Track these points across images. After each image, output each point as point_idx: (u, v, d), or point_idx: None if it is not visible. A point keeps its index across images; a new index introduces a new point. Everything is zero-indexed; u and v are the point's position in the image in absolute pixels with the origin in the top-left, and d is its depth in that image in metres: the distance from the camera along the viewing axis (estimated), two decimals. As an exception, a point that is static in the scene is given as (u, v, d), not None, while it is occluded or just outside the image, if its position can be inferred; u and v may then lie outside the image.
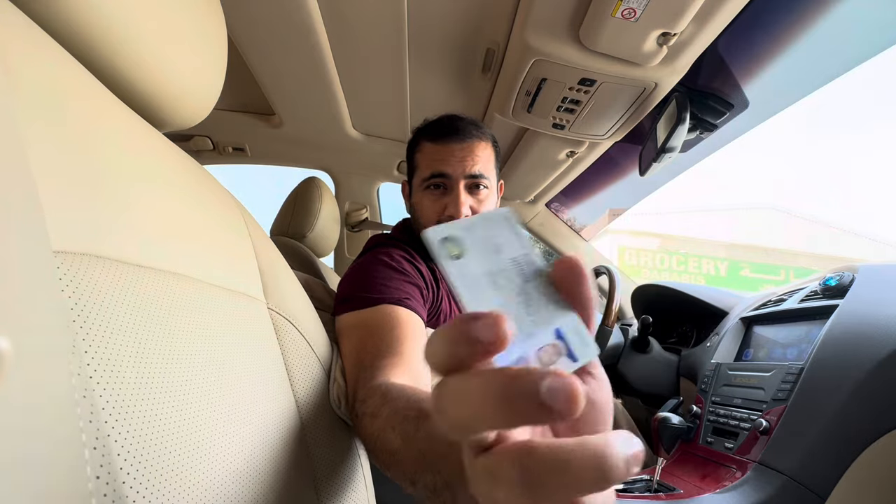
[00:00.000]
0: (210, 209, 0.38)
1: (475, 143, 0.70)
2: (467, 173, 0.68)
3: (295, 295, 0.46)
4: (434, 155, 0.70)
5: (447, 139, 0.70)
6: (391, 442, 0.36)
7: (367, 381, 0.46)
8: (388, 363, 0.48)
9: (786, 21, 0.67)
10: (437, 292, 0.72)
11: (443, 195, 0.70)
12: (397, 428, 0.36)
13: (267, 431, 0.34)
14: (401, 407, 0.38)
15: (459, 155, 0.69)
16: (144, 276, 0.27)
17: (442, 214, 0.70)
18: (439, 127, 0.72)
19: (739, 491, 0.68)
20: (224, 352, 0.32)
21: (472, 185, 0.70)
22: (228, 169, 1.49)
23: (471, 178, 0.69)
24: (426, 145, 0.72)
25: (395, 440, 0.35)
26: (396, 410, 0.38)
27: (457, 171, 0.68)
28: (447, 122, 0.72)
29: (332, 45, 0.88)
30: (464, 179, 0.69)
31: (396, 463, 0.35)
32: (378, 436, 0.38)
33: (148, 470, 0.22)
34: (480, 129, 0.72)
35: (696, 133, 0.88)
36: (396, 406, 0.39)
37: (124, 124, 0.31)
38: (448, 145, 0.69)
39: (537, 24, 0.69)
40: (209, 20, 0.38)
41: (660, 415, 0.80)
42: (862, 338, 0.65)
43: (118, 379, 0.23)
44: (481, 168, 0.69)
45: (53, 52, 0.26)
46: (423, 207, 0.72)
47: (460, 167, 0.68)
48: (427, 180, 0.70)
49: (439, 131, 0.71)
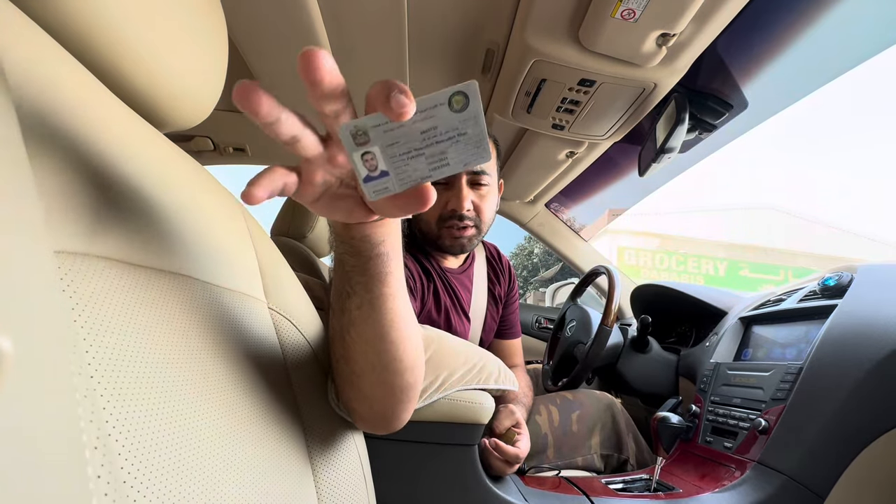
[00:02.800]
0: (211, 209, 0.38)
1: None
2: (468, 170, 0.69)
3: (295, 295, 0.46)
4: None
5: None
6: (332, 319, 0.37)
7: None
8: None
9: (785, 21, 0.67)
10: (427, 286, 0.72)
11: (445, 191, 0.71)
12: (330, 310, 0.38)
13: (267, 430, 0.34)
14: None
15: None
16: (145, 276, 0.27)
17: (444, 209, 0.70)
18: None
19: (738, 490, 0.68)
20: (224, 351, 0.32)
21: (474, 181, 0.70)
22: (229, 169, 1.49)
23: (473, 174, 0.69)
24: None
25: (331, 315, 0.37)
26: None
27: None
28: None
29: (332, 46, 0.88)
30: (466, 175, 0.69)
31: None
32: (329, 340, 0.39)
33: (149, 470, 0.23)
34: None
35: (695, 133, 0.88)
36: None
37: (125, 124, 0.31)
38: None
39: (537, 24, 0.69)
40: (210, 20, 0.38)
41: (659, 414, 0.80)
42: (861, 338, 0.66)
43: (119, 379, 0.23)
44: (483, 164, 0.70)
45: (53, 51, 0.26)
46: None
47: None
48: None
49: None
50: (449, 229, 0.71)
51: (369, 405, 0.41)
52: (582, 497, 0.68)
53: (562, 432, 0.86)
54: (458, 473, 0.62)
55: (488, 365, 0.62)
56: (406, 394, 0.41)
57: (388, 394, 0.40)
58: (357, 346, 0.37)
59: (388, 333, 0.36)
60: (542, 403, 0.90)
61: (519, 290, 1.05)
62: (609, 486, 0.75)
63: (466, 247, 0.75)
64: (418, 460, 0.60)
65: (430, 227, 0.72)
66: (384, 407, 0.42)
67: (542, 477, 0.77)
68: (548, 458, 0.84)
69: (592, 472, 0.86)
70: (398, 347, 0.37)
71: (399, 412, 0.42)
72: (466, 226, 0.71)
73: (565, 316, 1.17)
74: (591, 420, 0.89)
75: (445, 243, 0.73)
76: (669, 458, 0.86)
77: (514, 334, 0.99)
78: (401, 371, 0.38)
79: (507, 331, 0.97)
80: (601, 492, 0.71)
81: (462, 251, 0.77)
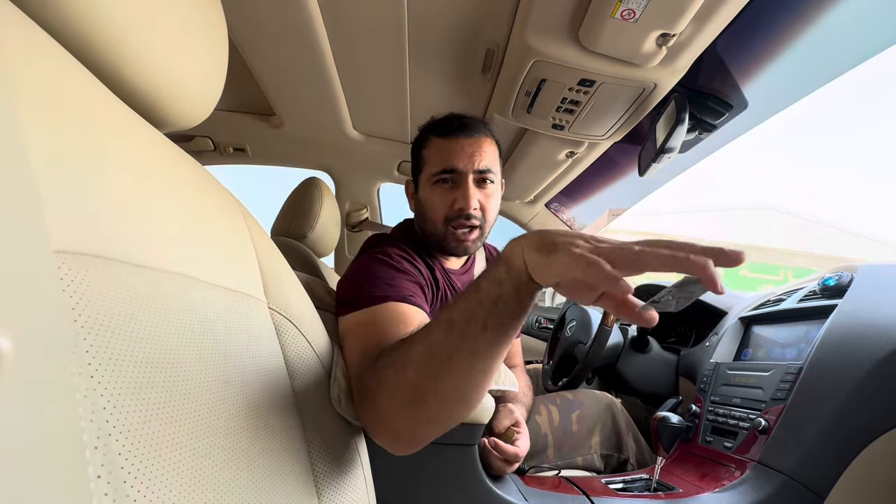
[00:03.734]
0: (211, 209, 0.38)
1: (482, 138, 0.72)
2: (476, 168, 0.70)
3: (296, 295, 0.46)
4: (443, 150, 0.71)
5: (456, 135, 0.71)
6: (435, 333, 0.39)
7: (373, 360, 0.47)
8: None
9: (785, 21, 0.67)
10: (437, 291, 0.72)
11: (452, 189, 0.71)
12: (433, 323, 0.40)
13: (267, 430, 0.34)
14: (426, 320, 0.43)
15: (468, 150, 0.70)
16: (145, 276, 0.27)
17: (451, 208, 0.70)
18: (447, 123, 0.73)
19: (738, 490, 0.68)
20: (225, 351, 0.32)
21: (480, 180, 0.71)
22: (229, 169, 1.49)
23: (479, 172, 0.70)
24: (435, 141, 0.73)
25: (437, 330, 0.39)
26: (423, 324, 0.43)
27: (466, 165, 0.69)
28: (455, 119, 0.73)
29: (332, 46, 0.88)
30: (472, 174, 0.69)
31: (451, 331, 0.38)
32: (414, 351, 0.41)
33: (149, 469, 0.23)
34: (486, 127, 0.74)
35: (695, 133, 0.88)
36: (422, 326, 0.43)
37: (125, 124, 0.31)
38: (457, 140, 0.71)
39: (537, 24, 0.69)
40: (210, 20, 0.38)
41: (659, 414, 0.80)
42: (860, 338, 0.66)
43: (119, 378, 0.23)
44: (488, 163, 0.71)
45: (53, 51, 0.26)
46: (431, 202, 0.72)
47: (469, 162, 0.69)
48: (436, 175, 0.71)
49: (447, 127, 0.72)
50: (454, 230, 0.71)
51: (418, 426, 0.43)
52: (582, 497, 0.68)
53: (562, 432, 0.86)
54: (457, 473, 0.62)
55: (488, 365, 0.62)
56: (453, 425, 0.44)
57: (447, 421, 0.43)
58: (458, 372, 0.38)
59: (491, 372, 0.39)
60: (542, 403, 0.90)
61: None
62: (609, 486, 0.75)
63: (470, 248, 0.75)
64: (418, 460, 0.60)
65: (437, 227, 0.72)
66: (431, 432, 0.44)
67: (541, 477, 0.77)
68: (548, 458, 0.84)
69: (592, 472, 0.86)
70: (486, 387, 0.41)
71: (430, 439, 0.44)
72: (473, 225, 0.71)
73: (565, 316, 1.17)
74: (591, 420, 0.89)
75: (450, 244, 0.72)
76: (669, 458, 0.86)
77: None
78: (472, 407, 0.42)
79: (507, 331, 0.97)
80: (601, 492, 0.71)
81: (465, 253, 0.77)
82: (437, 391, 0.39)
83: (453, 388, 0.39)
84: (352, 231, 1.55)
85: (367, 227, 1.53)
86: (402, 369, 0.41)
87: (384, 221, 1.57)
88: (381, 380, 0.43)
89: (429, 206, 0.73)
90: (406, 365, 0.41)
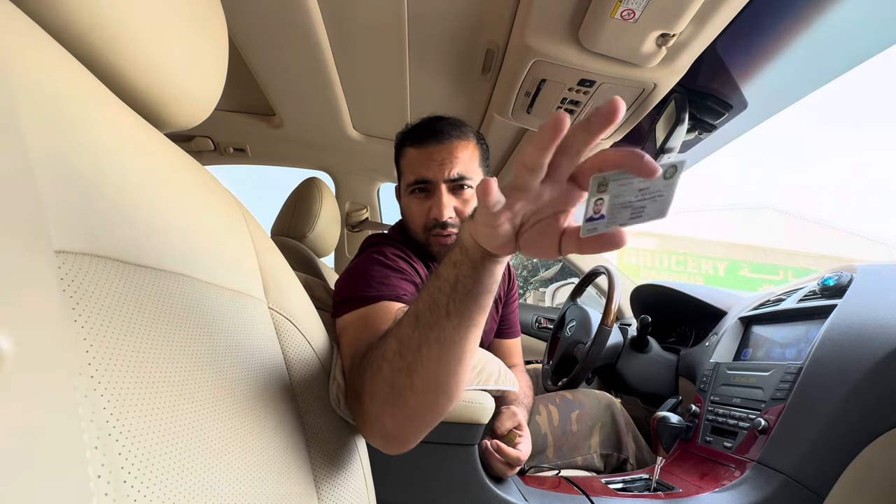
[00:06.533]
0: (211, 209, 0.38)
1: (454, 143, 0.70)
2: (447, 177, 0.69)
3: (296, 295, 0.46)
4: (415, 161, 0.71)
5: (426, 144, 0.71)
6: (403, 327, 0.39)
7: (361, 360, 0.46)
8: None
9: (784, 21, 0.67)
10: None
11: (427, 199, 0.71)
12: (403, 317, 0.40)
13: (267, 430, 0.34)
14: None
15: (438, 158, 0.69)
16: (145, 276, 0.27)
17: (427, 217, 0.70)
18: (418, 132, 0.72)
19: (738, 490, 0.68)
20: (225, 351, 0.32)
21: (456, 187, 0.70)
22: (229, 169, 1.49)
23: (451, 181, 0.69)
24: (408, 151, 0.73)
25: (406, 324, 0.39)
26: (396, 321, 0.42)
27: (437, 175, 0.69)
28: (426, 126, 0.72)
29: (332, 46, 0.88)
30: (444, 183, 0.69)
31: (420, 323, 0.38)
32: (387, 348, 0.41)
33: (149, 469, 0.23)
34: (460, 129, 0.72)
35: (694, 133, 0.88)
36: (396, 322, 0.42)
37: (125, 124, 0.31)
38: (427, 149, 0.70)
39: (537, 24, 0.69)
40: (210, 21, 0.38)
41: (659, 414, 0.80)
42: (860, 338, 0.66)
43: (119, 378, 0.23)
44: (461, 169, 0.69)
45: (53, 52, 0.26)
46: (410, 211, 0.73)
47: (440, 171, 0.69)
48: (411, 185, 0.72)
49: (418, 136, 0.72)
50: (435, 237, 0.71)
51: (402, 422, 0.42)
52: (582, 497, 0.68)
53: (561, 432, 0.87)
54: (458, 473, 0.62)
55: (489, 365, 0.62)
56: (439, 418, 0.42)
57: (430, 414, 0.42)
58: (430, 363, 0.38)
59: (464, 358, 0.39)
60: (542, 403, 0.90)
61: (518, 289, 1.05)
62: (609, 486, 0.75)
63: None
64: (418, 460, 0.60)
65: (419, 235, 0.73)
66: (417, 427, 0.43)
67: (541, 476, 0.78)
68: (547, 458, 0.84)
69: (592, 472, 0.86)
70: (464, 374, 0.40)
71: (420, 435, 0.44)
72: (451, 233, 0.71)
73: (565, 316, 1.17)
74: (591, 420, 0.89)
75: (434, 250, 0.73)
76: (669, 458, 0.86)
77: (514, 334, 0.99)
78: (453, 396, 0.41)
79: (507, 330, 0.97)
80: (601, 491, 0.71)
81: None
82: (413, 385, 0.39)
83: (429, 380, 0.39)
84: (352, 231, 1.55)
85: (366, 227, 1.53)
86: (378, 367, 0.41)
87: (384, 221, 1.58)
88: (363, 380, 0.43)
89: (408, 216, 0.74)
90: (381, 362, 0.41)
